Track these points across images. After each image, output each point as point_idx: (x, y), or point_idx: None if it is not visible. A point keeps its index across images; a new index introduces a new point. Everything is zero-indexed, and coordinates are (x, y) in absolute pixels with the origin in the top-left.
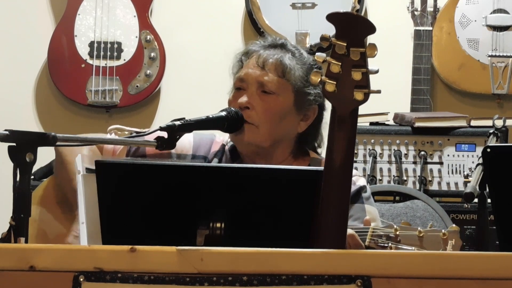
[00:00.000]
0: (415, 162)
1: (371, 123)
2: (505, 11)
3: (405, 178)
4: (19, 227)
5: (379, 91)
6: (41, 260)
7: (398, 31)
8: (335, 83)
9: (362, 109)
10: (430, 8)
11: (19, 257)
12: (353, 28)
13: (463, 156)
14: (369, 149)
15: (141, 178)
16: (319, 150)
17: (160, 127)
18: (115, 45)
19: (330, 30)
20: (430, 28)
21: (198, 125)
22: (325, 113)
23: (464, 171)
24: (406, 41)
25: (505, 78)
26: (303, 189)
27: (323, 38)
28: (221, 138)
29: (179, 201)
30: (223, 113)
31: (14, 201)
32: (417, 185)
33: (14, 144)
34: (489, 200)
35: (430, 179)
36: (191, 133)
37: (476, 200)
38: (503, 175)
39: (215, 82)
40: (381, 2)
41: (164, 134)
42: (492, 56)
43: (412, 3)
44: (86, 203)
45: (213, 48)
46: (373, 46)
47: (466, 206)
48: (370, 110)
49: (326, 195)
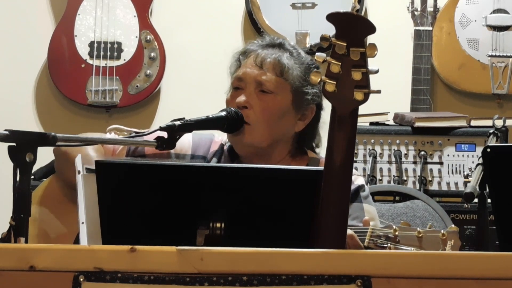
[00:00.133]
0: (415, 162)
1: (371, 123)
2: (505, 11)
3: (405, 178)
4: (19, 227)
5: (379, 91)
6: (41, 260)
7: (398, 31)
8: (335, 83)
9: (362, 109)
10: (430, 8)
11: (19, 257)
12: (353, 28)
13: (463, 156)
14: (369, 149)
15: (141, 178)
16: (317, 150)
17: (160, 127)
18: (115, 45)
19: (330, 30)
20: (430, 28)
21: (198, 125)
22: (322, 113)
23: (464, 171)
24: (406, 41)
25: (505, 78)
26: (303, 189)
27: (323, 38)
28: (220, 138)
29: (179, 201)
30: (223, 113)
31: (14, 201)
32: (417, 185)
33: (14, 144)
34: (489, 200)
35: (430, 179)
36: (190, 133)
37: (476, 200)
38: (503, 175)
39: (215, 82)
40: (381, 2)
41: (164, 134)
42: (492, 56)
43: (412, 3)
44: (86, 203)
45: (213, 48)
46: (373, 46)
47: (466, 206)
48: (370, 110)
49: (326, 195)
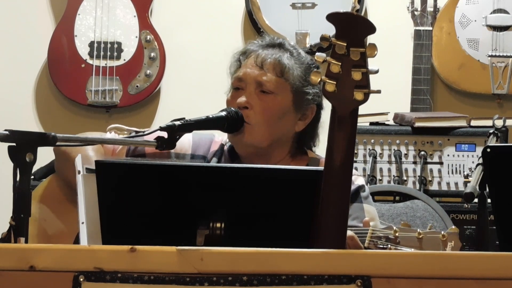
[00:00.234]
0: (415, 162)
1: (371, 123)
2: (505, 11)
3: (405, 178)
4: (19, 227)
5: (379, 91)
6: (41, 260)
7: (398, 31)
8: (335, 83)
9: (362, 109)
10: (430, 8)
11: (19, 257)
12: (353, 28)
13: (463, 156)
14: (369, 149)
15: (141, 178)
16: (314, 149)
17: (160, 127)
18: (115, 45)
19: (330, 30)
20: (430, 28)
21: (198, 125)
22: (322, 113)
23: (464, 171)
24: (406, 41)
25: (505, 78)
26: (303, 189)
27: (323, 38)
28: (220, 138)
29: (179, 201)
30: (223, 113)
31: (14, 201)
32: (417, 185)
33: (14, 144)
34: (489, 200)
35: (430, 179)
36: (191, 133)
37: (476, 200)
38: (503, 175)
39: (215, 82)
40: (381, 2)
41: (164, 134)
42: (492, 56)
43: (412, 3)
44: (86, 203)
45: (213, 48)
46: (373, 46)
47: (466, 206)
48: (370, 110)
49: (326, 195)
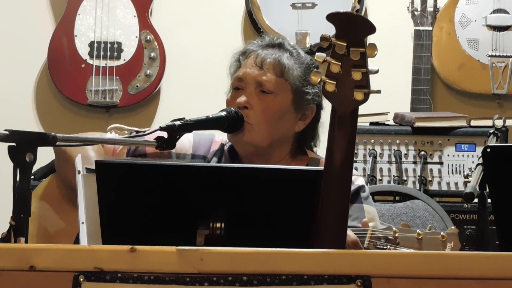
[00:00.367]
0: (415, 162)
1: (371, 123)
2: (505, 11)
3: (405, 178)
4: (19, 227)
5: (379, 91)
6: (41, 260)
7: (398, 31)
8: (335, 83)
9: (362, 109)
10: (430, 8)
11: (19, 257)
12: (353, 28)
13: (463, 156)
14: (369, 149)
15: (141, 178)
16: (315, 149)
17: (160, 127)
18: (115, 45)
19: (330, 30)
20: (430, 28)
21: (198, 125)
22: (322, 113)
23: (464, 171)
24: (406, 41)
25: (505, 78)
26: (303, 189)
27: (323, 38)
28: (220, 138)
29: (179, 201)
30: (223, 113)
31: (14, 201)
32: (417, 185)
33: (14, 144)
34: (489, 200)
35: (430, 179)
36: (191, 133)
37: (476, 200)
38: (503, 175)
39: (215, 82)
40: (381, 2)
41: (164, 134)
42: (492, 56)
43: (412, 3)
44: (86, 203)
45: (213, 48)
46: (373, 46)
47: (466, 206)
48: (370, 110)
49: (326, 195)
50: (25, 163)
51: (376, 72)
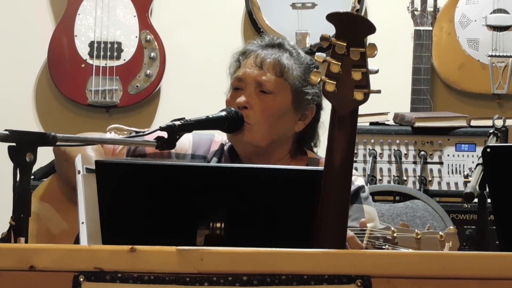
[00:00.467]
0: (415, 162)
1: (371, 123)
2: (505, 11)
3: (405, 178)
4: (19, 227)
5: (379, 91)
6: (41, 260)
7: (398, 31)
8: (335, 83)
9: (362, 109)
10: (430, 8)
11: (19, 257)
12: (353, 28)
13: (463, 156)
14: (369, 149)
15: (141, 178)
16: (316, 150)
17: (160, 127)
18: (115, 45)
19: (330, 30)
20: (430, 28)
21: (198, 125)
22: (322, 113)
23: (464, 171)
24: (406, 41)
25: (505, 78)
26: (303, 189)
27: (323, 38)
28: (220, 138)
29: (179, 201)
30: (223, 113)
31: (14, 201)
32: (417, 185)
33: (14, 144)
34: (489, 200)
35: (430, 179)
36: (191, 133)
37: (476, 200)
38: (503, 175)
39: (215, 82)
40: (381, 2)
41: (164, 134)
42: (492, 56)
43: (412, 3)
44: (86, 203)
45: (213, 48)
46: (373, 46)
47: (466, 206)
48: (370, 110)
49: (326, 195)
50: (25, 163)
51: (376, 72)
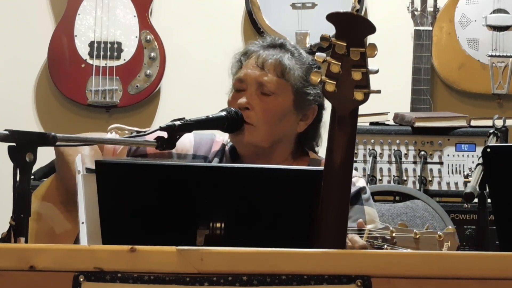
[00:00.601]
0: (415, 162)
1: (371, 123)
2: (505, 11)
3: (405, 178)
4: (19, 227)
5: (379, 91)
6: (41, 260)
7: (398, 31)
8: (335, 83)
9: (362, 109)
10: (430, 8)
11: (19, 257)
12: (353, 28)
13: (463, 156)
14: (369, 149)
15: (141, 178)
16: (317, 149)
17: (160, 127)
18: (115, 45)
19: (330, 30)
20: (430, 28)
21: (198, 125)
22: (324, 113)
23: (464, 171)
24: (406, 41)
25: (505, 78)
26: (303, 189)
27: (323, 38)
28: (222, 138)
29: (179, 201)
30: (223, 113)
31: (14, 201)
32: (417, 185)
33: (14, 144)
34: (489, 200)
35: (430, 179)
36: (192, 133)
37: (476, 200)
38: (503, 175)
39: (215, 82)
40: (381, 2)
41: (164, 134)
42: (492, 56)
43: (412, 3)
44: (86, 203)
45: (213, 48)
46: (373, 46)
47: (466, 206)
48: (370, 110)
49: (326, 195)
50: (25, 163)
51: (376, 72)
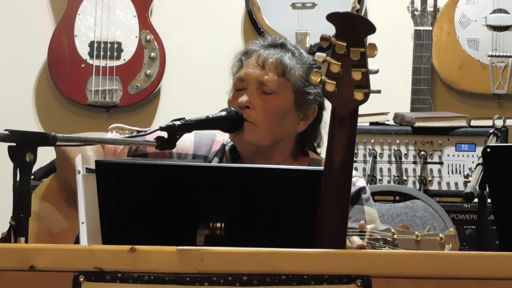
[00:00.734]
0: (415, 162)
1: (371, 123)
2: (505, 11)
3: (405, 178)
4: (19, 227)
5: (379, 91)
6: (41, 260)
7: (398, 31)
8: (335, 83)
9: (362, 109)
10: (430, 8)
11: (19, 257)
12: (353, 28)
13: (463, 156)
14: (369, 149)
15: (141, 178)
16: (319, 150)
17: (160, 127)
18: (115, 45)
19: (330, 30)
20: (430, 28)
21: (198, 125)
22: (324, 113)
23: (464, 171)
24: (406, 41)
25: (505, 78)
26: (303, 189)
27: (323, 38)
28: (222, 138)
29: (179, 201)
30: (223, 113)
31: (14, 201)
32: (417, 185)
33: (14, 144)
34: (489, 200)
35: (430, 179)
36: (192, 132)
37: (476, 200)
38: (503, 175)
39: (215, 82)
40: (381, 2)
41: (165, 134)
42: (492, 56)
43: (412, 3)
44: (86, 203)
45: (213, 48)
46: (373, 46)
47: (466, 206)
48: (370, 110)
49: (326, 195)
50: (25, 163)
51: (376, 72)
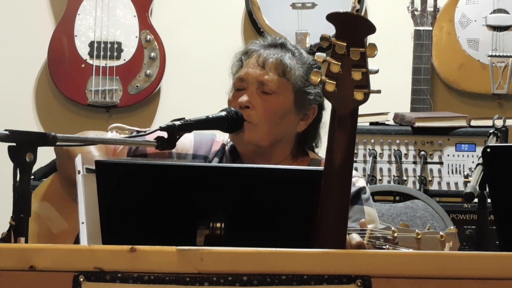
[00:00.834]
0: (415, 162)
1: (371, 123)
2: (505, 11)
3: (405, 178)
4: (19, 227)
5: (379, 91)
6: (41, 260)
7: (398, 31)
8: (335, 83)
9: (362, 109)
10: (430, 8)
11: (19, 257)
12: (353, 28)
13: (463, 156)
14: (369, 149)
15: (141, 178)
16: (316, 150)
17: (160, 127)
18: (115, 45)
19: (330, 30)
20: (430, 28)
21: (198, 125)
22: (324, 113)
23: (464, 171)
24: (406, 41)
25: (505, 78)
26: (303, 189)
27: (323, 38)
28: (222, 138)
29: (179, 201)
30: (223, 113)
31: (14, 201)
32: (417, 185)
33: (14, 144)
34: (489, 200)
35: (430, 179)
36: (192, 133)
37: (476, 200)
38: (503, 175)
39: (215, 82)
40: (381, 2)
41: (165, 134)
42: (492, 56)
43: (412, 3)
44: (86, 203)
45: (213, 48)
46: (373, 46)
47: (466, 206)
48: (370, 110)
49: (326, 195)
50: (25, 163)
51: (376, 72)
